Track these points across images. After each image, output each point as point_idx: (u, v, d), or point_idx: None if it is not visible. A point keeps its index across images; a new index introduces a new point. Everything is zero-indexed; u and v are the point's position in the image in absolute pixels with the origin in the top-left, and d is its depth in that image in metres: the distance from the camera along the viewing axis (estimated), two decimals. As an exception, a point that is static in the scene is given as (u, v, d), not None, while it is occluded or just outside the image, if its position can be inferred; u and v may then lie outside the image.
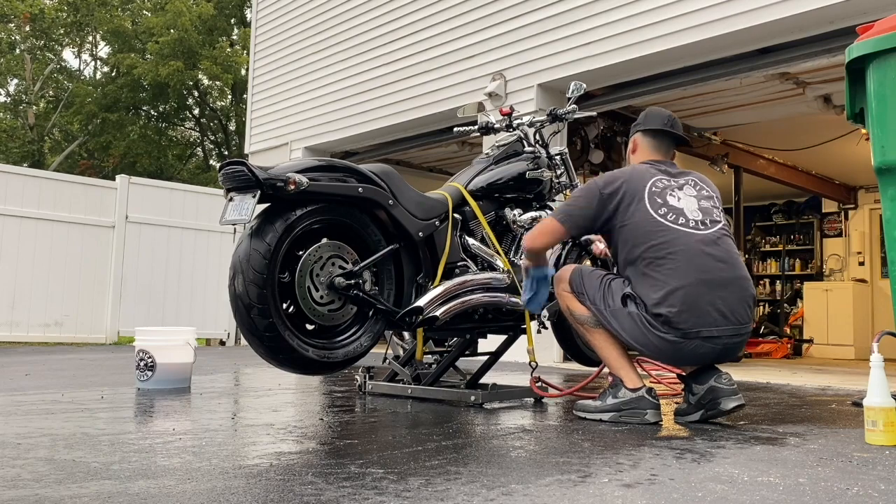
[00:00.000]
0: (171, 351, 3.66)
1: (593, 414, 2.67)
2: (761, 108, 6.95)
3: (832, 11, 4.86)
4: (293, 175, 2.58)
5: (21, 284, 7.97)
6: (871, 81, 2.51)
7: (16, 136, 23.20)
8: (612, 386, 2.67)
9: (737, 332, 2.55)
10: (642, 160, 2.86)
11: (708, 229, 2.62)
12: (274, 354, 2.63)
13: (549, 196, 3.47)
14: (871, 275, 10.18)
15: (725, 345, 2.54)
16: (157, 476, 1.70)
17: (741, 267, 2.63)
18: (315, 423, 2.63)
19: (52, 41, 24.71)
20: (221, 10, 24.12)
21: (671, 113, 2.95)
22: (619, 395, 2.63)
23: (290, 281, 2.67)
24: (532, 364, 3.17)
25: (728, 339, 2.54)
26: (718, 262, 2.56)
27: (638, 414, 2.59)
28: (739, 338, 2.57)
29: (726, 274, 2.56)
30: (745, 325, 2.58)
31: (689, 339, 2.51)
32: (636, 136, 2.93)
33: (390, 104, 7.81)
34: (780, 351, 8.90)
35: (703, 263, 2.54)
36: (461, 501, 1.49)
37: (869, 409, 2.21)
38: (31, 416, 2.71)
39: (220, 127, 26.32)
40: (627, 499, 1.53)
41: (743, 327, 2.57)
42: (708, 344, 2.52)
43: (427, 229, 2.98)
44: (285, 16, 9.45)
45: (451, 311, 2.95)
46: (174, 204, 9.13)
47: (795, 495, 1.57)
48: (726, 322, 2.52)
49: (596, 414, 2.66)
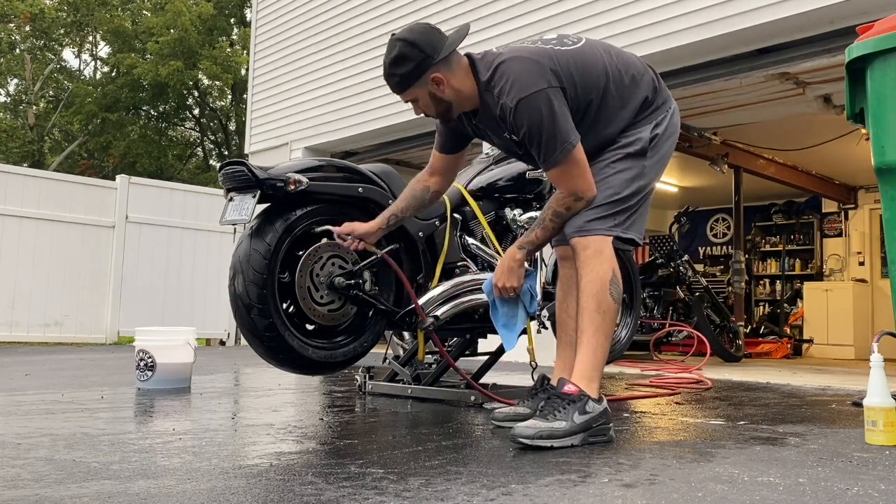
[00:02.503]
0: (171, 351, 3.66)
1: (562, 440, 2.12)
2: (761, 108, 6.94)
3: (832, 11, 4.86)
4: (293, 175, 2.58)
5: (21, 284, 7.97)
6: (870, 81, 2.51)
7: (16, 136, 23.20)
8: (575, 399, 2.18)
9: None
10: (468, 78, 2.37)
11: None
12: (274, 354, 2.63)
13: (548, 196, 3.47)
14: (871, 275, 10.18)
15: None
16: (157, 476, 1.70)
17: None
18: (315, 423, 2.63)
19: (52, 41, 24.72)
20: (221, 9, 24.13)
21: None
22: (587, 410, 2.17)
23: (290, 281, 2.67)
24: (532, 364, 3.16)
25: None
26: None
27: (605, 430, 2.22)
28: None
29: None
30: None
31: None
32: (438, 72, 2.33)
33: (390, 104, 7.80)
34: (780, 351, 8.90)
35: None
36: (461, 501, 1.49)
37: (869, 409, 2.20)
38: (31, 416, 2.71)
39: (220, 127, 26.32)
40: (627, 499, 1.53)
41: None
42: None
43: (427, 229, 2.98)
44: (285, 16, 9.44)
45: (451, 310, 2.95)
46: (174, 204, 9.13)
47: (795, 495, 1.57)
48: None
49: (566, 439, 2.12)
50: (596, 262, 2.33)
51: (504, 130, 2.40)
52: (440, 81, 2.34)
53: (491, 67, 2.34)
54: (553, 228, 2.42)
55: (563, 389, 2.22)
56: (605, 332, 2.30)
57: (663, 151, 2.50)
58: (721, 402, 3.40)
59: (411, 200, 2.70)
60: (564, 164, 2.30)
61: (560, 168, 2.31)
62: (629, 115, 2.43)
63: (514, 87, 2.27)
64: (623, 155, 2.42)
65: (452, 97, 2.38)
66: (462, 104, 2.42)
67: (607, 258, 2.34)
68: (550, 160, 2.30)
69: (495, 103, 2.33)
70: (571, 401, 2.18)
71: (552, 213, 2.39)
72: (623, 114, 2.43)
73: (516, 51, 2.37)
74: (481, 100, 2.38)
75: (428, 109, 2.43)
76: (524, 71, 2.29)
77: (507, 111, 2.29)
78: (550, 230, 2.42)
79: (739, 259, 8.45)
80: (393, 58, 2.32)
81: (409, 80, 2.34)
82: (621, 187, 2.41)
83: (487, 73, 2.34)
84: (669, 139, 2.52)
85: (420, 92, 2.37)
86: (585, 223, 2.38)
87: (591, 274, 2.32)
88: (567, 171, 2.31)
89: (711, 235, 12.22)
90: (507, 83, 2.28)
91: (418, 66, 2.32)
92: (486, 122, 2.45)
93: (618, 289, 2.34)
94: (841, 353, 9.20)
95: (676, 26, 5.51)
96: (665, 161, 2.53)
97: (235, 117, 24.93)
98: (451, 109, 2.42)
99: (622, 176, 2.41)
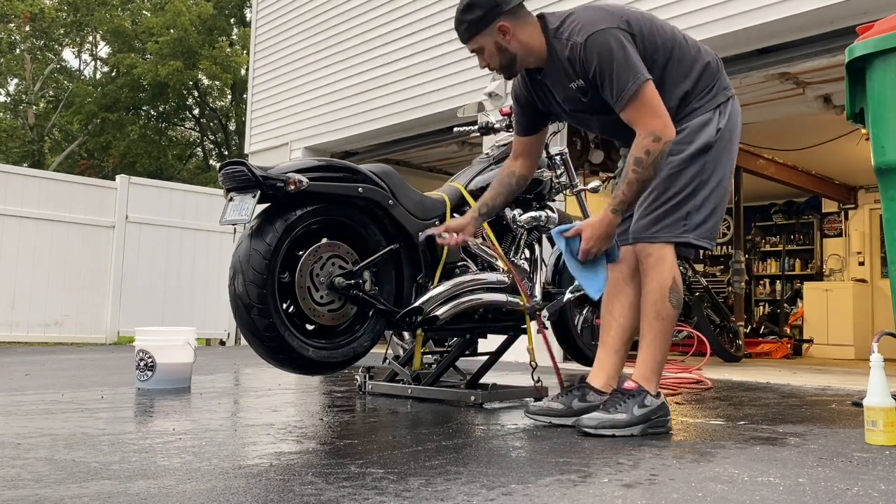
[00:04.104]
0: (171, 351, 3.66)
1: (623, 430, 2.30)
2: (761, 108, 6.94)
3: (832, 11, 4.86)
4: (293, 175, 2.58)
5: (21, 284, 7.96)
6: (871, 81, 2.51)
7: (16, 136, 23.21)
8: (634, 394, 2.35)
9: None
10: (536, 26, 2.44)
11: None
12: (274, 354, 2.63)
13: (549, 196, 3.47)
14: (871, 275, 10.18)
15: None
16: (157, 476, 1.70)
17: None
18: (315, 423, 2.63)
19: (52, 41, 24.73)
20: (221, 9, 24.13)
21: None
22: (646, 404, 2.34)
23: (290, 281, 2.67)
24: (532, 364, 3.16)
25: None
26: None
27: (664, 422, 2.38)
28: None
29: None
30: None
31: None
32: (506, 21, 2.40)
33: (390, 104, 7.81)
34: (780, 351, 8.90)
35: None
36: (461, 501, 1.49)
37: (869, 409, 2.21)
38: (31, 416, 2.71)
39: (220, 127, 26.32)
40: (627, 499, 1.53)
41: None
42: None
43: (427, 229, 2.98)
44: (285, 16, 9.45)
45: (451, 310, 2.95)
46: (174, 204, 9.13)
47: (795, 495, 1.57)
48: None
49: (627, 429, 2.31)
50: (657, 271, 2.40)
51: (571, 80, 2.42)
52: (506, 31, 2.41)
53: (561, 17, 2.44)
54: (638, 180, 2.31)
55: (624, 386, 2.39)
56: (664, 336, 2.42)
57: (729, 145, 2.46)
58: (721, 402, 3.40)
59: (500, 188, 2.79)
60: (639, 99, 2.29)
61: (635, 104, 2.29)
62: (691, 84, 2.43)
63: (585, 27, 2.35)
64: (689, 152, 2.39)
65: (518, 49, 2.44)
66: (527, 58, 2.47)
67: (668, 266, 2.40)
68: (624, 95, 2.29)
69: (564, 46, 2.38)
70: (631, 395, 2.35)
71: (633, 162, 2.30)
72: (686, 83, 2.43)
73: (587, 6, 2.48)
74: (549, 48, 2.43)
75: (492, 60, 2.49)
76: (594, 14, 2.38)
77: (577, 49, 2.34)
78: (636, 182, 2.31)
79: (739, 259, 8.46)
80: (465, 4, 2.43)
81: (478, 27, 2.43)
82: (683, 186, 2.39)
83: (557, 22, 2.43)
84: (734, 132, 2.49)
85: (486, 40, 2.44)
86: (651, 231, 2.40)
87: (653, 283, 2.40)
88: (642, 107, 2.29)
89: (711, 235, 12.21)
90: (577, 25, 2.37)
91: (487, 13, 2.40)
92: (553, 75, 2.47)
93: (678, 296, 2.41)
94: (841, 353, 9.20)
95: (676, 26, 5.51)
96: (731, 155, 2.48)
97: (235, 117, 24.93)
98: (514, 62, 2.48)
99: (687, 174, 2.39)
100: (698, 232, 2.41)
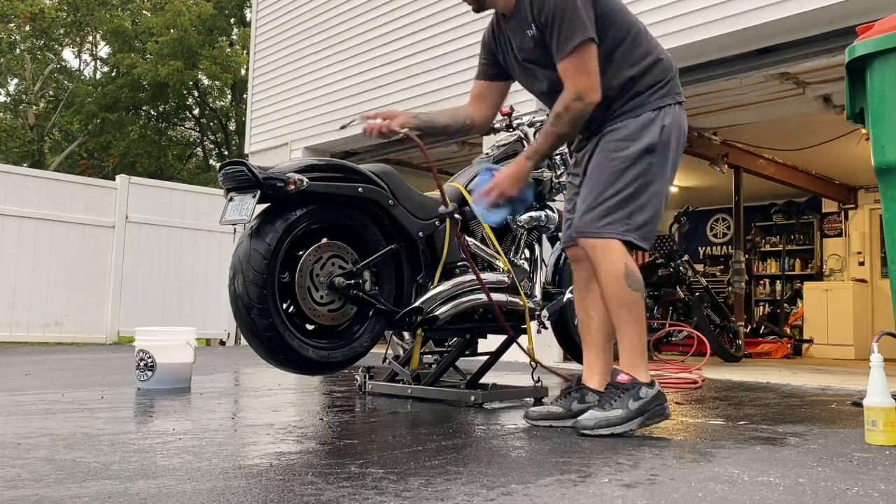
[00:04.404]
0: (171, 351, 3.66)
1: (622, 426, 2.28)
2: (761, 108, 6.94)
3: (832, 11, 4.86)
4: (293, 175, 2.58)
5: (21, 284, 7.96)
6: (871, 81, 2.51)
7: (16, 136, 23.21)
8: (629, 388, 2.32)
9: None
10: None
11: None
12: (274, 354, 2.63)
13: (548, 196, 3.47)
14: (871, 275, 10.18)
15: None
16: (157, 476, 1.70)
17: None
18: (315, 423, 2.63)
19: (52, 41, 24.73)
20: (221, 9, 24.13)
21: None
22: (641, 396, 2.31)
23: (290, 281, 2.67)
24: (532, 364, 3.17)
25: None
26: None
27: (661, 410, 2.35)
28: None
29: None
30: None
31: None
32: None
33: (390, 104, 7.80)
34: (780, 351, 8.90)
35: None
36: (461, 501, 1.49)
37: (869, 409, 2.21)
38: (31, 416, 2.71)
39: (220, 127, 26.32)
40: (627, 499, 1.53)
41: None
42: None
43: (427, 229, 2.98)
44: (285, 16, 9.44)
45: (451, 310, 2.95)
46: (174, 204, 9.12)
47: (795, 495, 1.57)
48: None
49: (624, 425, 2.29)
50: (607, 261, 2.38)
51: (528, 26, 2.45)
52: None
53: None
54: (554, 133, 2.41)
55: (617, 379, 2.36)
56: (634, 321, 2.37)
57: (670, 150, 2.47)
58: (721, 402, 3.40)
59: (448, 113, 2.80)
60: (578, 55, 2.34)
61: (573, 58, 2.34)
62: (638, 71, 2.45)
63: None
64: (634, 150, 2.40)
65: None
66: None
67: (617, 254, 2.37)
68: (566, 47, 2.34)
69: None
70: (625, 389, 2.32)
71: (553, 115, 2.41)
72: (634, 69, 2.45)
73: None
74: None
75: None
76: None
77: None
78: (552, 134, 2.41)
79: (739, 259, 8.45)
80: None
81: None
82: (626, 184, 2.40)
83: None
84: (679, 139, 2.51)
85: None
86: (596, 226, 2.39)
87: (606, 274, 2.38)
88: (578, 63, 2.34)
89: (711, 235, 12.22)
90: None
91: None
92: (516, 21, 2.50)
93: (635, 278, 2.38)
94: (841, 353, 9.20)
95: (676, 26, 5.51)
96: (673, 161, 2.50)
97: (235, 117, 24.93)
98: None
99: (631, 172, 2.40)
100: (640, 232, 2.41)
